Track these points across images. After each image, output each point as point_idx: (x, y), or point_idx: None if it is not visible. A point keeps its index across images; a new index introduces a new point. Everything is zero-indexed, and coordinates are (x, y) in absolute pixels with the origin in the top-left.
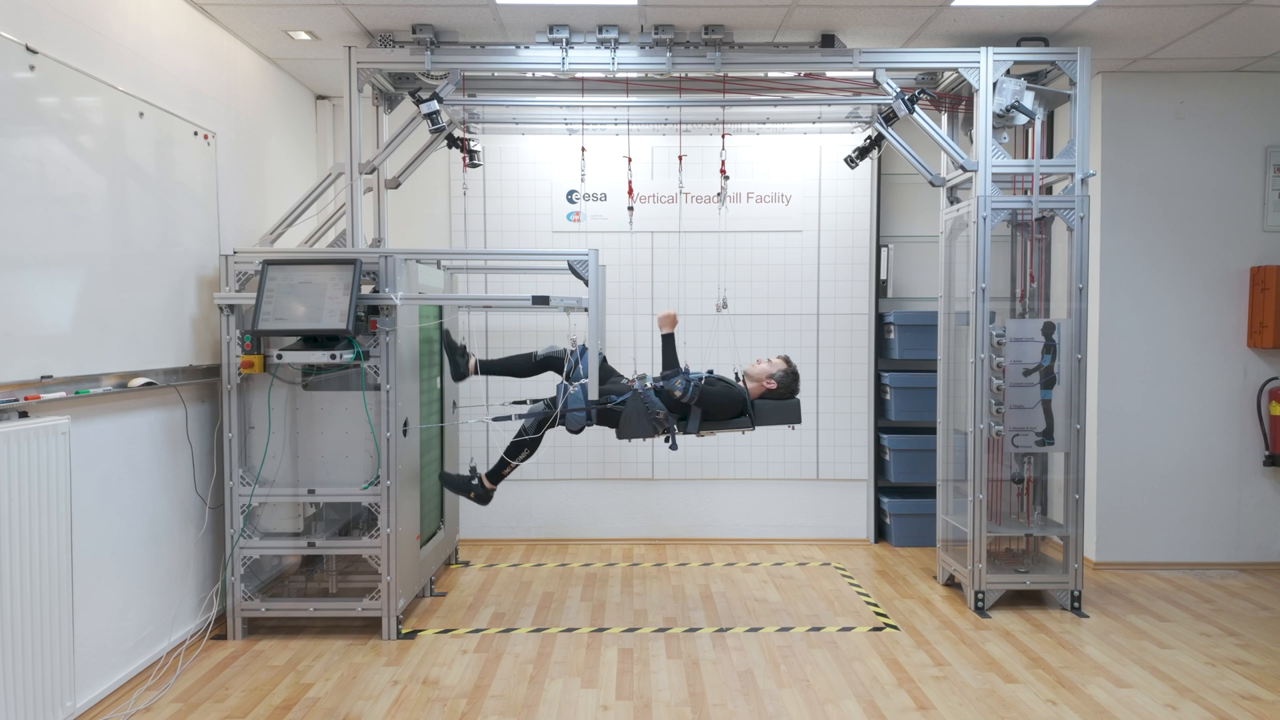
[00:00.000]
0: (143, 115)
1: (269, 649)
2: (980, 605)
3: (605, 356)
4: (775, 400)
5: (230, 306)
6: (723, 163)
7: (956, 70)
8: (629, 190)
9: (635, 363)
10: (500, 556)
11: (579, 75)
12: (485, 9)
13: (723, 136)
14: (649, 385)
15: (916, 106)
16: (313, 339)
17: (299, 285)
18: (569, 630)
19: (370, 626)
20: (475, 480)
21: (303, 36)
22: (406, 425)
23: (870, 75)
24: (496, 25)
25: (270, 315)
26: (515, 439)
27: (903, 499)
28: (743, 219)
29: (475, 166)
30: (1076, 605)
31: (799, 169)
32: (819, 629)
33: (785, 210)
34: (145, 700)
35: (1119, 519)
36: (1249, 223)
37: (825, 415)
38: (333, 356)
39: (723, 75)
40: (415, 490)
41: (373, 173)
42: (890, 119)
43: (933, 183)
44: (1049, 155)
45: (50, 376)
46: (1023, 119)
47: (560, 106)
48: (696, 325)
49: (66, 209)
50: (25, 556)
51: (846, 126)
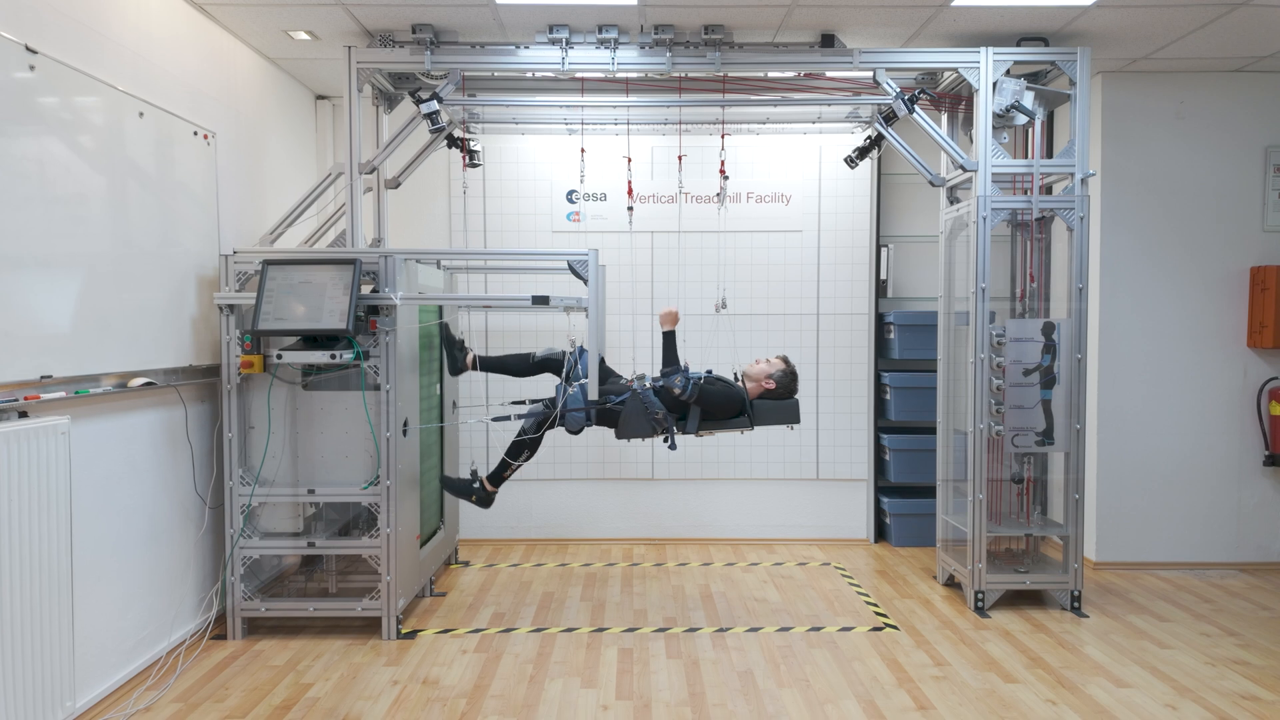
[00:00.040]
0: (143, 115)
1: (269, 649)
2: (980, 605)
3: (603, 357)
4: (774, 400)
5: (230, 306)
6: (722, 163)
7: (956, 70)
8: (629, 190)
9: (634, 363)
10: (500, 556)
11: (579, 75)
12: (485, 9)
13: (722, 136)
14: (648, 385)
15: (916, 106)
16: (312, 339)
17: (299, 285)
18: (569, 630)
19: (370, 626)
20: (476, 484)
21: (303, 36)
22: (406, 425)
23: (870, 75)
24: (496, 25)
25: (270, 315)
26: (515, 439)
27: (903, 499)
28: (742, 219)
29: (475, 166)
30: (1076, 605)
31: (799, 169)
32: (819, 629)
33: (785, 210)
34: (145, 700)
35: (1119, 519)
36: (1249, 223)
37: (825, 415)
38: (333, 356)
39: (722, 75)
40: (415, 490)
41: (373, 173)
42: (890, 119)
43: (933, 183)
44: (1049, 155)
45: (50, 376)
46: (1023, 119)
47: (560, 106)
48: (696, 325)
49: (66, 209)
50: (25, 556)
51: (846, 126)
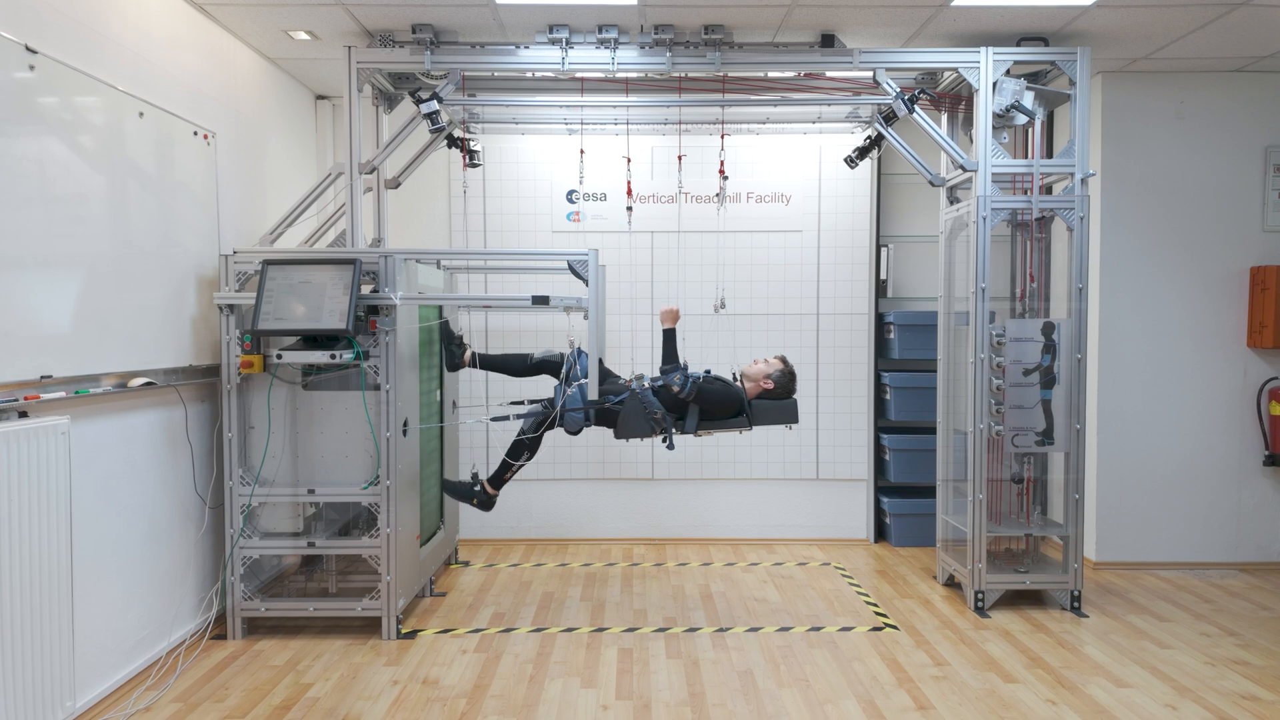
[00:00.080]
0: (143, 115)
1: (269, 649)
2: (980, 605)
3: (601, 358)
4: (772, 400)
5: (230, 306)
6: (722, 163)
7: (956, 70)
8: (628, 190)
9: (633, 363)
10: (500, 556)
11: (579, 75)
12: (485, 9)
13: (722, 136)
14: (646, 385)
15: (916, 106)
16: (312, 339)
17: (299, 285)
18: (569, 630)
19: (370, 626)
20: (478, 487)
21: (303, 36)
22: (406, 425)
23: (870, 75)
24: (496, 25)
25: (270, 315)
26: (515, 439)
27: (903, 499)
28: (742, 219)
29: (475, 166)
30: (1076, 605)
31: (799, 169)
32: (819, 629)
33: (785, 210)
34: (145, 700)
35: (1119, 519)
36: (1249, 223)
37: (825, 415)
38: (332, 356)
39: (722, 75)
40: (415, 490)
41: (372, 173)
42: (890, 119)
43: (933, 183)
44: (1049, 155)
45: (50, 376)
46: (1023, 119)
47: (560, 106)
48: (696, 325)
49: (66, 209)
50: (25, 556)
51: (846, 126)
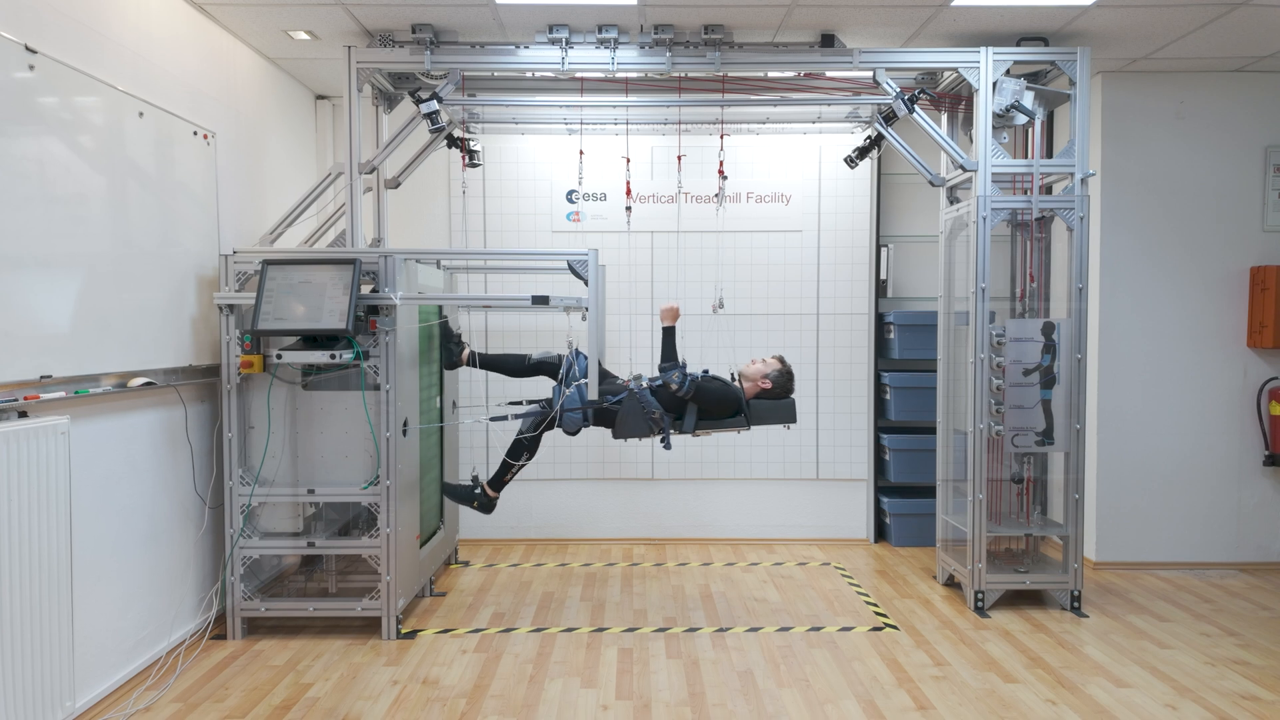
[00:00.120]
0: (142, 115)
1: (269, 649)
2: (980, 605)
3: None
4: (771, 400)
5: (230, 306)
6: (721, 163)
7: (956, 70)
8: (628, 190)
9: (632, 363)
10: (500, 556)
11: (579, 75)
12: (485, 9)
13: (721, 136)
14: (644, 385)
15: (916, 106)
16: (312, 339)
17: (299, 285)
18: (569, 630)
19: (370, 626)
20: (478, 489)
21: (302, 36)
22: (406, 425)
23: (870, 75)
24: (496, 25)
25: (270, 315)
26: (514, 439)
27: (902, 499)
28: (742, 219)
29: (475, 166)
30: (1076, 605)
31: (798, 169)
32: (819, 629)
33: (785, 210)
34: (145, 700)
35: (1119, 519)
36: (1249, 223)
37: (825, 415)
38: (332, 356)
39: (722, 75)
40: (415, 490)
41: (372, 173)
42: (890, 119)
43: (933, 183)
44: (1049, 155)
45: (50, 376)
46: (1022, 119)
47: (560, 106)
48: (696, 325)
49: (66, 209)
50: (25, 556)
51: (846, 126)
